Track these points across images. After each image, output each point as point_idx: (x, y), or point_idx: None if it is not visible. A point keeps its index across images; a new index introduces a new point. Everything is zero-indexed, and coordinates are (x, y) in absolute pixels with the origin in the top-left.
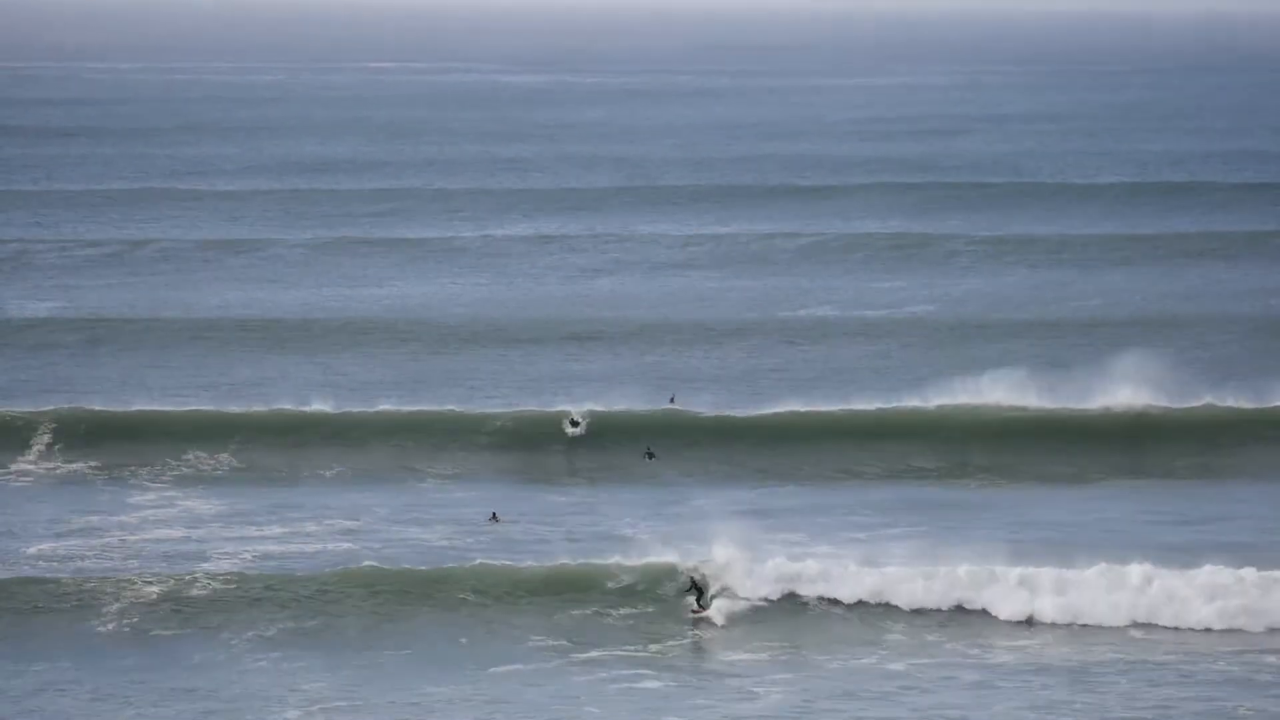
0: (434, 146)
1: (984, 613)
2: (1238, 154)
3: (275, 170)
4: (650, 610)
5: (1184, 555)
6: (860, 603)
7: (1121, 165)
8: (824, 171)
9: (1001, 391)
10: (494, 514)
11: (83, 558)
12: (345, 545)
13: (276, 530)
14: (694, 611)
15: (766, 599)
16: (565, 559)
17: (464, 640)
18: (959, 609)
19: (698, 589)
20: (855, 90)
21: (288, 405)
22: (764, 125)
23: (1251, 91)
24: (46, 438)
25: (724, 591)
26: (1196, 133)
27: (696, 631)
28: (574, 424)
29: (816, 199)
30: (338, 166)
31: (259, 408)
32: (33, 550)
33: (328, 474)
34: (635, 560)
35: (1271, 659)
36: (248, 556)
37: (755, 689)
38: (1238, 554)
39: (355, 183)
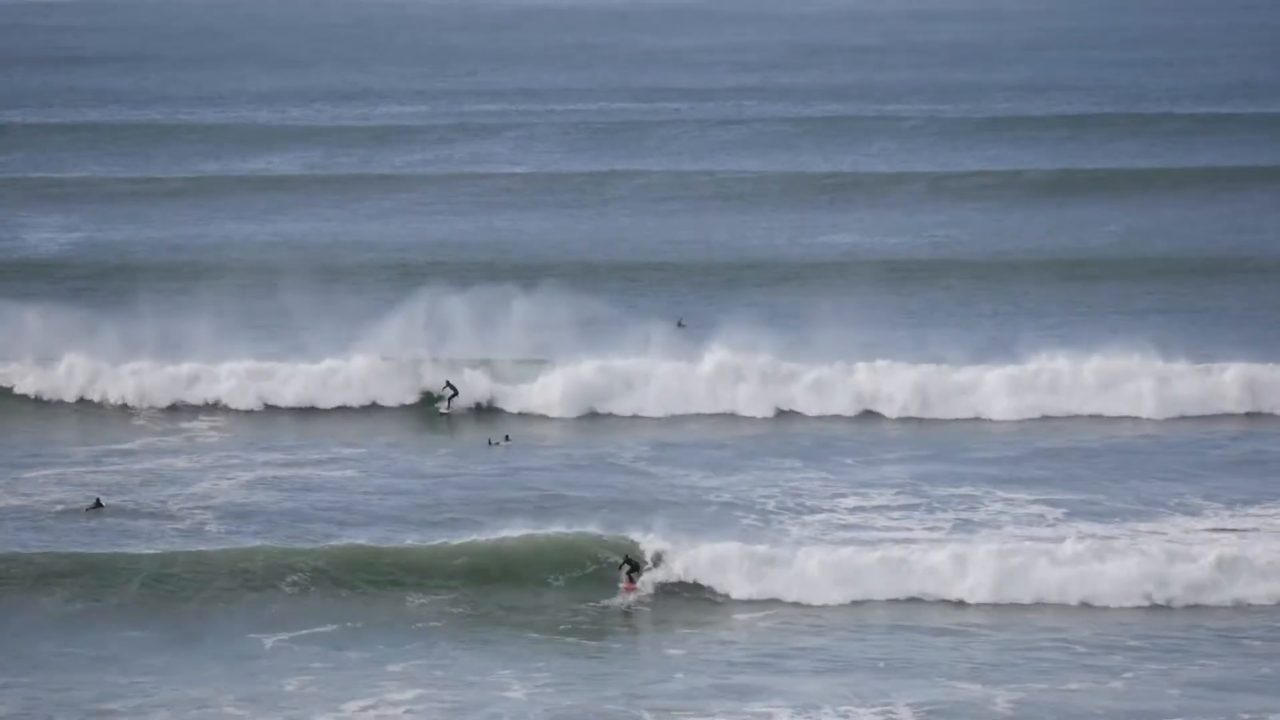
0: (474, 75)
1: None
2: None
3: (307, 101)
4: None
5: None
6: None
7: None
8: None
9: None
10: (506, 436)
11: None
12: (348, 473)
13: (280, 457)
14: (625, 585)
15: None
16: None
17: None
18: None
19: (631, 564)
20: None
21: (308, 341)
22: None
23: None
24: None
25: (656, 567)
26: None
27: (627, 605)
28: (449, 397)
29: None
30: (366, 96)
31: (281, 341)
32: (36, 475)
33: (340, 405)
34: (582, 528)
35: None
36: (244, 483)
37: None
38: None
39: (388, 115)
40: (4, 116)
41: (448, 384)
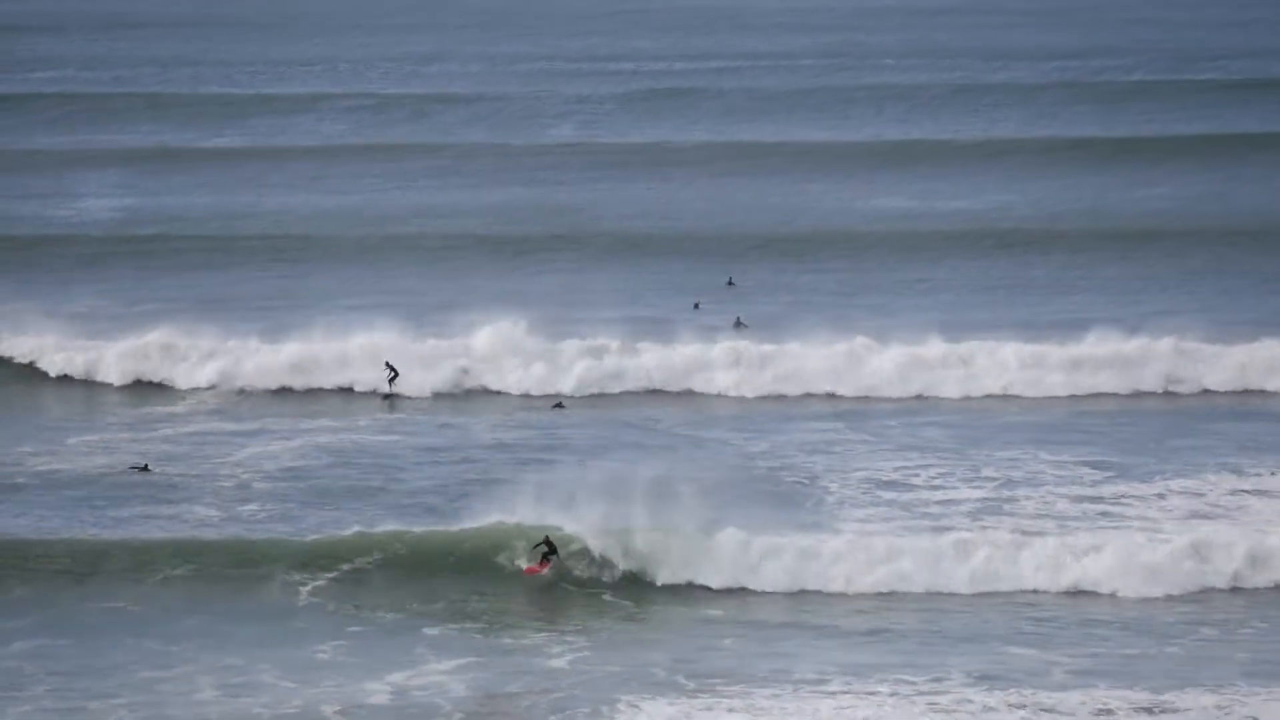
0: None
1: None
2: None
3: (362, 66)
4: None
5: None
6: None
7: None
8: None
9: None
10: (560, 403)
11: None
12: (388, 439)
13: (327, 424)
14: (529, 568)
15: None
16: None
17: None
18: None
19: (550, 546)
20: None
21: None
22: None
23: None
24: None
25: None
26: None
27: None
28: (391, 377)
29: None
30: (419, 61)
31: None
32: (81, 440)
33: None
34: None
35: None
36: (288, 450)
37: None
38: None
39: (440, 81)
40: (59, 84)
41: (387, 364)
